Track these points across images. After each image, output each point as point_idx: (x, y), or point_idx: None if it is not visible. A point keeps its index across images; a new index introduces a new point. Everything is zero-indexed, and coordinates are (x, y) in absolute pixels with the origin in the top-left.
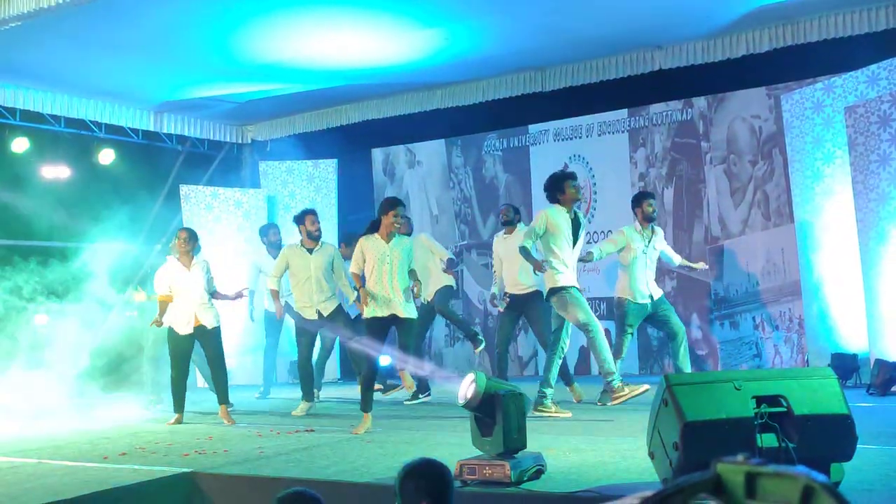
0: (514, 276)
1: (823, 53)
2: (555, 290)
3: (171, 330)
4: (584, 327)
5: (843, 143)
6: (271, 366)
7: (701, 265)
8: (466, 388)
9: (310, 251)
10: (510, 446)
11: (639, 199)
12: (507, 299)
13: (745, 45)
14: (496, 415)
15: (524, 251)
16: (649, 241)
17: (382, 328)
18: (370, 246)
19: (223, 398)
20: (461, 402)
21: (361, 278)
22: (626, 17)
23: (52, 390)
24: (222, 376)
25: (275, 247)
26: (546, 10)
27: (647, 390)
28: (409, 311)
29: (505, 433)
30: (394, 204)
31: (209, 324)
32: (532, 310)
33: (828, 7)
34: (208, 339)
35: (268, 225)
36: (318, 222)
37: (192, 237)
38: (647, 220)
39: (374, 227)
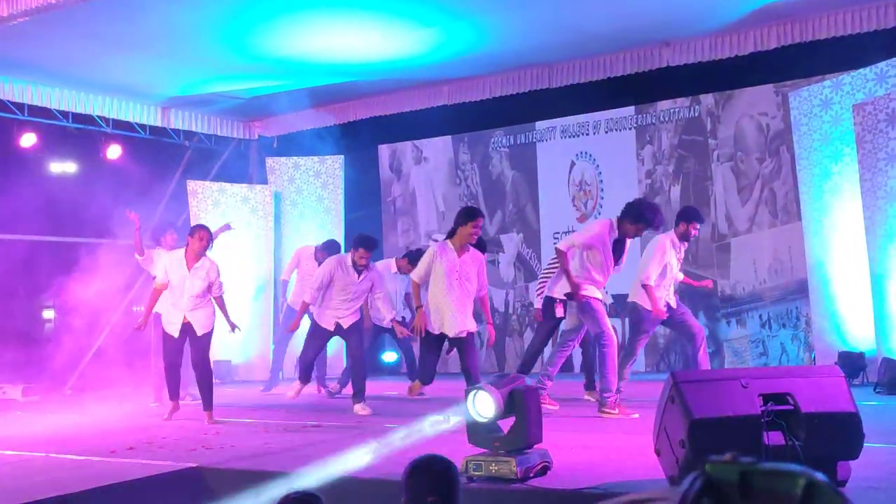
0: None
1: (831, 51)
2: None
3: (163, 328)
4: (598, 337)
5: (850, 140)
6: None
7: (705, 284)
8: (483, 405)
9: (358, 272)
10: (532, 441)
11: (689, 218)
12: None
13: (753, 42)
14: (517, 411)
15: (561, 255)
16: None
17: (439, 343)
18: (443, 256)
19: (207, 404)
20: (484, 419)
21: (423, 295)
22: (633, 14)
23: (59, 384)
24: (206, 381)
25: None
26: (553, 7)
27: (635, 418)
28: (471, 326)
29: (528, 428)
30: (475, 214)
31: (199, 329)
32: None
33: (836, 4)
34: (194, 343)
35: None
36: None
37: (210, 239)
38: (685, 240)
39: (450, 235)
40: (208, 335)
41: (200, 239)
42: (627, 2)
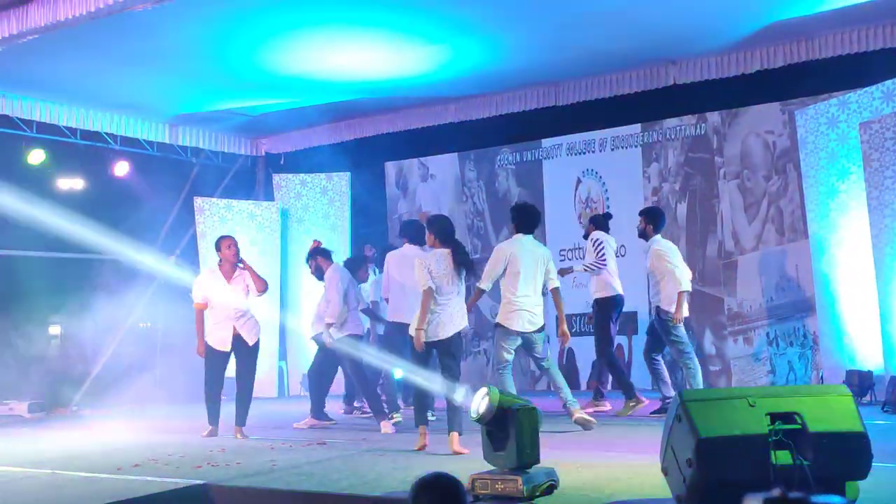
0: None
1: (838, 69)
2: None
3: (207, 344)
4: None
5: (857, 158)
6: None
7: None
8: (479, 402)
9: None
10: (523, 461)
11: None
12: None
13: (760, 61)
14: (509, 429)
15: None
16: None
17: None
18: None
19: (241, 419)
20: (474, 416)
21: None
22: (639, 32)
23: (65, 401)
24: (247, 396)
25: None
26: (560, 25)
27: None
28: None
29: (518, 448)
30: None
31: (249, 339)
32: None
33: (842, 23)
34: (244, 355)
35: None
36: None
37: (237, 244)
38: None
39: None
40: (258, 345)
41: (229, 247)
42: (634, 20)
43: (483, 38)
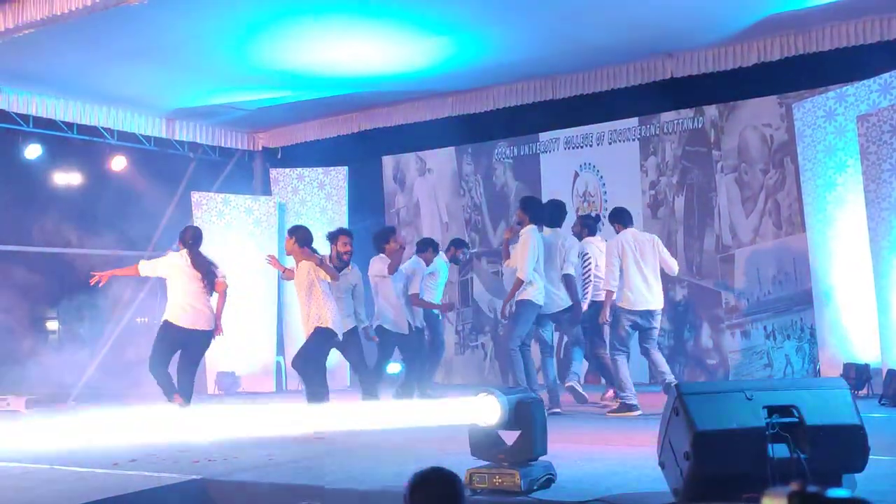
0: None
1: (835, 62)
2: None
3: (168, 321)
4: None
5: (854, 152)
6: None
7: None
8: (488, 410)
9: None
10: (535, 454)
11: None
12: None
13: (757, 54)
14: (521, 423)
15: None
16: None
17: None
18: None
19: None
20: (485, 425)
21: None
22: (636, 26)
23: (63, 396)
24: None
25: (455, 261)
26: (557, 18)
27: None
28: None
29: (534, 440)
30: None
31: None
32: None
33: (840, 15)
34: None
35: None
36: (351, 244)
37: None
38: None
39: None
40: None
41: (193, 243)
42: (631, 14)
43: (480, 32)
